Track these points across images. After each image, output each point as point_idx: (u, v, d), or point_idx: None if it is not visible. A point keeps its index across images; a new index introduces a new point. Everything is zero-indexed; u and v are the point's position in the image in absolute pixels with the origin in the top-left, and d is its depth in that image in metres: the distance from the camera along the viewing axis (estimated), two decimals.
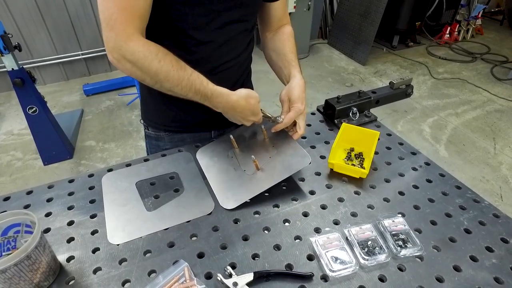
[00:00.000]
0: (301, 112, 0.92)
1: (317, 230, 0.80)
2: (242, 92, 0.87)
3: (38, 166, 2.67)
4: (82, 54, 3.83)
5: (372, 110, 1.23)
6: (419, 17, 4.48)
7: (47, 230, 0.80)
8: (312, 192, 0.90)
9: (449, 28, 4.66)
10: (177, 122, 1.10)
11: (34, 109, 2.40)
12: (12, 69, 2.23)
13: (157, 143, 1.16)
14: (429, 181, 0.95)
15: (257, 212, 0.84)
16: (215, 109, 0.89)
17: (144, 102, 1.15)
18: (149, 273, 0.71)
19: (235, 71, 1.04)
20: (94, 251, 0.76)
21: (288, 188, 0.92)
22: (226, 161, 0.98)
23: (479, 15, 4.73)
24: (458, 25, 4.67)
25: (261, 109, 0.91)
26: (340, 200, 0.88)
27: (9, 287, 0.61)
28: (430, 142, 2.92)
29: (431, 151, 2.80)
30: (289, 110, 0.92)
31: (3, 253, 0.68)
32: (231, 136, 0.98)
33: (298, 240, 0.78)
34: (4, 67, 2.25)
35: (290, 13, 3.89)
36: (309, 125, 1.17)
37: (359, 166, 0.98)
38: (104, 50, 4.05)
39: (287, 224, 0.82)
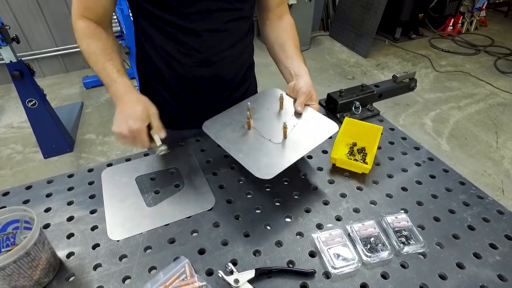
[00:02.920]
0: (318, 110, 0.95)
1: (319, 226, 0.79)
2: (143, 97, 0.84)
3: (39, 159, 2.66)
4: None
5: (374, 103, 1.21)
6: (422, 9, 4.41)
7: (46, 226, 0.80)
8: (314, 188, 0.89)
9: (452, 20, 4.60)
10: (176, 118, 1.08)
11: (34, 102, 2.38)
12: (11, 61, 2.21)
13: None
14: (432, 176, 0.93)
15: (258, 208, 0.83)
16: (113, 98, 0.86)
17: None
18: (150, 270, 0.70)
19: (232, 63, 1.01)
20: (94, 247, 0.75)
21: (290, 183, 0.90)
22: (244, 132, 0.89)
23: (484, 7, 4.66)
24: (461, 17, 4.61)
25: (150, 131, 0.83)
26: (343, 195, 0.87)
27: (9, 284, 0.61)
28: (432, 136, 2.90)
29: (432, 145, 2.78)
30: (303, 102, 0.92)
31: (2, 250, 0.68)
32: (249, 103, 0.91)
33: (300, 237, 0.77)
34: (2, 59, 2.22)
35: (291, 5, 3.83)
36: None
37: (361, 161, 0.97)
38: None
39: (288, 220, 0.81)
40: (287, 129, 0.85)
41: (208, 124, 0.92)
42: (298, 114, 0.92)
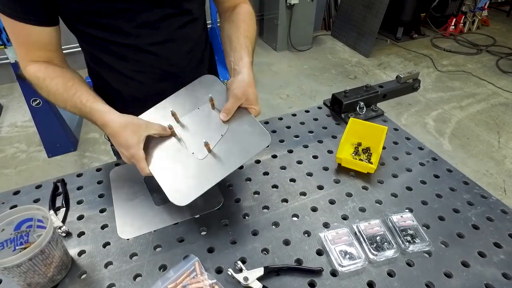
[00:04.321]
0: (259, 113, 0.81)
1: (326, 225, 0.81)
2: (125, 117, 0.74)
3: (43, 158, 2.67)
4: None
5: (378, 104, 1.22)
6: (424, 8, 4.41)
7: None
8: (320, 187, 0.91)
9: (454, 19, 4.60)
10: None
11: (38, 101, 2.39)
12: (16, 61, 2.22)
13: None
14: (436, 176, 0.95)
15: (265, 207, 0.85)
16: (96, 123, 0.77)
17: None
18: (160, 268, 0.71)
19: (193, 69, 0.94)
20: (104, 245, 0.76)
21: (296, 183, 0.92)
22: (169, 142, 0.79)
23: (486, 6, 4.65)
24: (463, 17, 4.61)
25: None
26: (348, 195, 0.88)
27: (24, 280, 0.62)
28: (434, 136, 2.91)
29: (434, 145, 2.79)
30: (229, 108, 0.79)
31: (17, 247, 0.69)
32: (171, 109, 0.80)
33: (307, 235, 0.78)
34: (5, 58, 2.23)
35: (293, 4, 3.84)
36: (316, 119, 1.16)
37: (366, 161, 0.98)
38: None
39: (295, 219, 0.82)
40: (209, 145, 0.76)
41: None
42: (228, 120, 0.79)
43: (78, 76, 0.84)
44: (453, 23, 4.61)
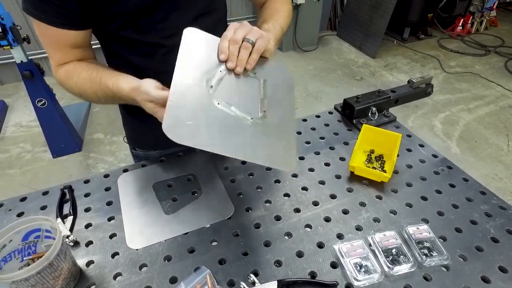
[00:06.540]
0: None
1: (340, 236, 0.78)
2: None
3: (47, 158, 2.67)
4: None
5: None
6: (432, 9, 4.36)
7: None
8: (333, 196, 0.88)
9: (462, 20, 4.55)
10: (162, 140, 1.02)
11: (43, 101, 2.38)
12: (21, 61, 2.21)
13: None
14: (452, 186, 0.92)
15: (277, 217, 0.83)
16: (127, 100, 0.73)
17: (127, 124, 1.08)
18: (171, 280, 0.70)
19: None
20: (113, 255, 0.75)
21: (308, 191, 0.89)
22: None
23: (494, 6, 4.59)
24: (471, 17, 4.55)
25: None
26: (362, 204, 0.86)
27: None
28: (441, 138, 2.88)
29: (442, 148, 2.75)
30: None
31: (24, 258, 0.68)
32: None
33: (321, 247, 0.76)
34: (10, 57, 2.22)
35: (299, 4, 3.81)
36: (327, 125, 1.14)
37: (379, 169, 0.95)
38: None
39: (308, 229, 0.80)
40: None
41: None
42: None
43: (102, 64, 0.84)
44: (460, 24, 4.56)
